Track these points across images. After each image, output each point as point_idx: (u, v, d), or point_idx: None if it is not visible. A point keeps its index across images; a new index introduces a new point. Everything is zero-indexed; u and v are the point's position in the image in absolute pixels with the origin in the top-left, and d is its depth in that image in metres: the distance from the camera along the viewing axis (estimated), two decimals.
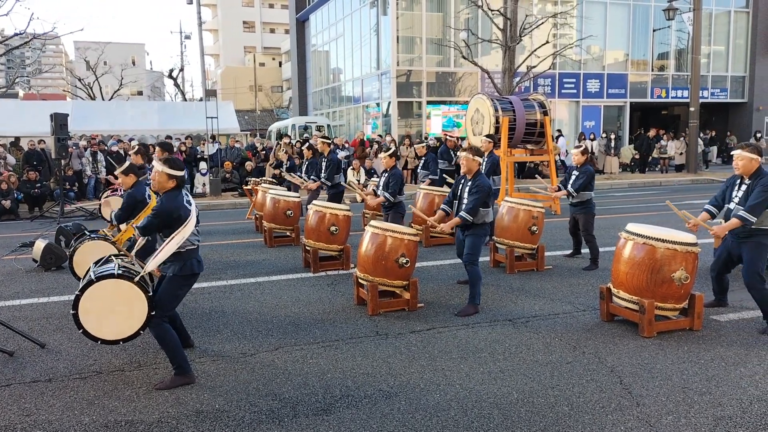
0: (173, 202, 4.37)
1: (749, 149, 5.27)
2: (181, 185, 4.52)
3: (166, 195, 4.43)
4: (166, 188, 4.47)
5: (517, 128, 13.17)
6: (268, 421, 3.77)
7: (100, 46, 44.13)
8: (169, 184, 4.46)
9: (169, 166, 4.45)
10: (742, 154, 5.26)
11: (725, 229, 5.28)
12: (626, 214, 12.05)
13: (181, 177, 4.51)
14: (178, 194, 4.45)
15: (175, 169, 4.47)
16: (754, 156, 5.24)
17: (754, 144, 5.37)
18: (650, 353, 4.79)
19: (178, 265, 4.34)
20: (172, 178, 4.46)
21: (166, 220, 4.34)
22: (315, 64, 34.63)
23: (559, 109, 25.33)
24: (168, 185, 4.46)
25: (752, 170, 5.25)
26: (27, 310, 6.34)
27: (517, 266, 7.69)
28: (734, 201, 5.38)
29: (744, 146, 5.33)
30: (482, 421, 3.74)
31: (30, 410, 3.97)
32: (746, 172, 5.27)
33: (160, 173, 4.44)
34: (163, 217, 4.34)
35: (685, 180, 20.10)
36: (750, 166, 5.24)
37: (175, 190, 4.46)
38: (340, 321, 5.75)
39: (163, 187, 4.47)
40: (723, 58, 27.89)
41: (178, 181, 4.50)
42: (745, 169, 5.26)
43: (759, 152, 5.29)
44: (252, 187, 12.27)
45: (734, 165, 5.35)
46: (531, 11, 22.72)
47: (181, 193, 4.48)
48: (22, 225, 12.82)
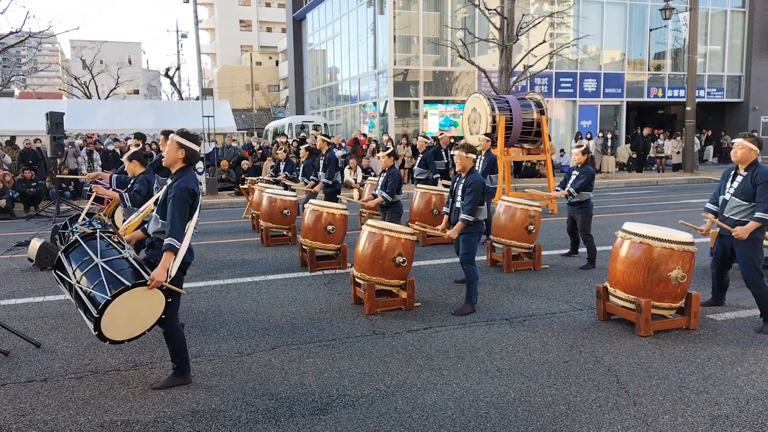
0: (194, 179, 4.23)
1: (750, 139, 5.31)
2: (191, 161, 4.31)
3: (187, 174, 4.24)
4: (178, 163, 4.28)
5: (513, 127, 13.18)
6: (265, 421, 3.76)
7: (97, 44, 43.96)
8: (179, 155, 4.26)
9: (181, 135, 4.29)
10: (742, 143, 5.30)
11: (747, 230, 5.22)
12: (623, 214, 12.07)
13: (192, 150, 4.30)
14: (190, 171, 4.29)
15: (186, 139, 4.29)
16: (754, 147, 5.27)
17: (756, 135, 5.40)
18: (647, 352, 4.79)
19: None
20: (182, 147, 4.25)
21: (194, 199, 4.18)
22: (312, 63, 34.60)
23: (555, 109, 25.35)
24: (178, 156, 4.26)
25: (749, 160, 5.28)
26: (22, 309, 6.31)
27: (514, 265, 7.69)
28: (729, 192, 5.40)
29: (746, 135, 5.39)
30: (479, 420, 3.73)
31: (25, 410, 3.95)
32: (744, 161, 5.30)
33: (170, 142, 4.27)
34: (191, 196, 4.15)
35: (681, 179, 20.15)
36: (748, 156, 5.27)
37: (187, 166, 4.30)
38: (336, 320, 5.74)
39: (173, 159, 4.28)
40: (719, 58, 27.95)
41: (188, 153, 4.28)
42: (743, 158, 5.29)
43: (759, 144, 5.33)
44: (249, 186, 12.25)
45: (733, 153, 5.38)
46: (528, 10, 22.71)
47: (191, 170, 4.31)
48: (18, 224, 12.78)
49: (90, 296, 4.00)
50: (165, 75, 45.60)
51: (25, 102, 26.26)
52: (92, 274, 4.07)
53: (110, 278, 4.02)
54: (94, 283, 4.01)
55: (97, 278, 4.02)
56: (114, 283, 3.99)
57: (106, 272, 4.04)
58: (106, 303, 3.90)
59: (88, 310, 4.01)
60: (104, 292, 3.96)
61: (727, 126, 28.25)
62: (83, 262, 4.16)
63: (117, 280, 4.00)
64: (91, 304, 3.97)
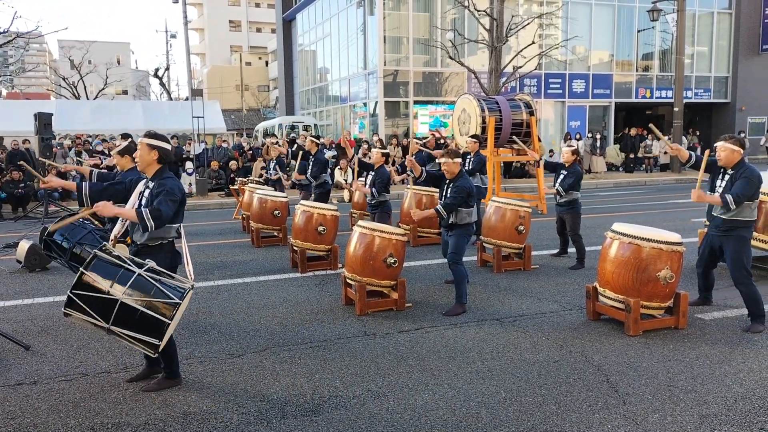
0: (176, 180, 4.20)
1: (732, 141, 5.38)
2: (165, 161, 4.24)
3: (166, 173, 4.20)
4: (153, 165, 4.21)
5: (503, 128, 13.22)
6: (256, 423, 3.76)
7: (85, 45, 43.68)
8: (152, 156, 4.18)
9: (149, 136, 4.19)
10: (724, 146, 5.37)
11: (707, 198, 5.33)
12: (612, 214, 12.15)
13: (163, 149, 4.21)
14: (168, 171, 4.24)
15: (155, 139, 4.21)
16: (736, 148, 5.34)
17: (737, 137, 5.47)
18: (636, 352, 4.83)
19: (167, 257, 4.22)
20: (153, 148, 4.17)
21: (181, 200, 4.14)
22: (302, 64, 34.55)
23: (545, 110, 25.45)
24: (151, 158, 4.18)
25: (734, 161, 5.35)
26: (11, 311, 6.27)
27: (504, 266, 7.72)
28: (718, 191, 5.47)
29: (727, 138, 5.45)
30: (470, 420, 3.75)
31: (15, 413, 3.93)
32: (728, 163, 5.37)
33: (140, 146, 4.18)
34: (179, 196, 4.11)
35: (669, 179, 20.30)
36: (732, 157, 5.34)
37: (164, 167, 4.24)
38: (328, 321, 5.74)
39: (147, 162, 4.20)
40: (706, 59, 28.18)
41: (161, 153, 4.20)
42: (727, 160, 5.37)
43: (741, 144, 5.40)
44: (239, 187, 12.22)
45: (717, 156, 5.46)
46: (517, 12, 22.81)
47: (168, 171, 4.26)
48: (6, 225, 12.68)
49: (151, 306, 3.76)
50: (154, 75, 45.39)
51: (13, 102, 26.07)
52: (141, 284, 3.80)
53: (163, 285, 3.86)
54: (152, 292, 3.79)
55: (151, 287, 3.81)
56: (172, 288, 3.87)
57: (156, 280, 3.85)
58: (176, 306, 3.79)
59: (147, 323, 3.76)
60: (171, 296, 3.81)
61: (715, 126, 28.47)
62: (121, 275, 3.81)
63: (169, 286, 3.88)
64: (154, 312, 3.75)
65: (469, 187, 6.04)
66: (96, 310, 3.73)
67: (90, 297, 3.73)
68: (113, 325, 3.74)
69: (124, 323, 3.75)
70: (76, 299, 3.73)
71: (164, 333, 3.77)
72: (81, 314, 3.76)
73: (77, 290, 3.73)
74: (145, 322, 3.75)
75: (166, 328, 3.77)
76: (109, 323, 3.74)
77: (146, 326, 3.76)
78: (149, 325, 3.75)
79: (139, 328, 3.76)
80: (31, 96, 50.50)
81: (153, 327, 3.75)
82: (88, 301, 3.74)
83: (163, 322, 3.75)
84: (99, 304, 3.73)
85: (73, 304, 3.75)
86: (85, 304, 3.74)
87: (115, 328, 3.76)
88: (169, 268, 4.13)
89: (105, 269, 3.82)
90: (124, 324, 3.75)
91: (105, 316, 3.73)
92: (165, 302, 3.79)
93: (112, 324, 3.74)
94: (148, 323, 3.75)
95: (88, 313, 3.74)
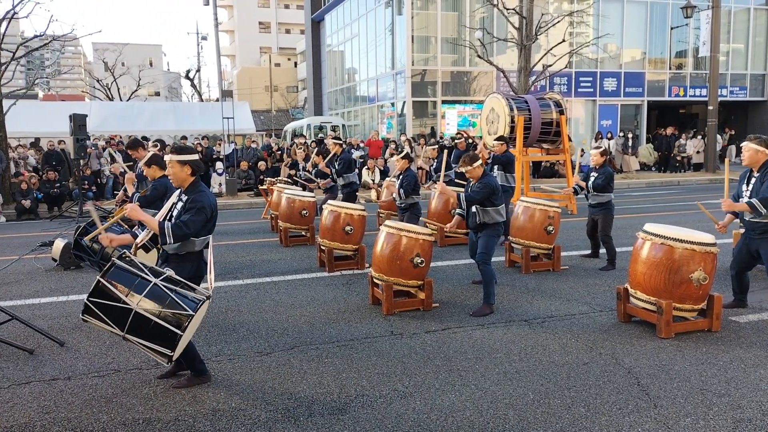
0: (209, 196, 4.23)
1: (756, 141, 5.28)
2: (197, 172, 4.26)
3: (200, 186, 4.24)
4: (187, 180, 4.23)
5: (532, 127, 13.09)
6: (284, 420, 3.79)
7: (118, 47, 44.52)
8: (186, 171, 4.20)
9: (177, 153, 4.19)
10: (748, 146, 5.29)
11: (736, 207, 5.30)
12: (644, 214, 11.95)
13: (194, 162, 4.23)
14: (201, 183, 4.26)
15: (185, 154, 4.22)
16: (761, 148, 5.24)
17: (763, 137, 5.35)
18: (668, 354, 4.74)
19: (194, 267, 4.30)
20: (185, 164, 4.19)
21: (210, 215, 4.19)
22: (330, 64, 34.70)
23: (575, 108, 25.16)
24: (185, 174, 4.20)
25: (759, 162, 5.26)
26: (46, 308, 6.42)
27: (533, 266, 7.65)
28: (745, 195, 5.37)
29: (752, 138, 5.36)
30: (497, 421, 3.72)
31: (49, 408, 4.02)
32: (752, 163, 5.29)
33: (171, 164, 4.19)
34: (209, 213, 4.15)
35: (703, 179, 19.89)
36: (756, 157, 5.25)
37: (197, 179, 4.26)
38: (355, 321, 5.76)
39: (182, 179, 4.22)
40: (742, 56, 27.53)
41: (193, 167, 4.22)
42: (751, 160, 5.28)
43: (766, 144, 5.28)
44: (267, 186, 12.33)
45: (741, 157, 5.38)
46: (547, 10, 22.56)
47: (201, 183, 4.29)
48: (42, 224, 12.99)
49: (165, 316, 3.79)
50: (185, 77, 46.02)
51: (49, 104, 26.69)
52: (157, 294, 3.84)
53: (178, 295, 3.89)
54: (167, 302, 3.83)
55: (166, 297, 3.85)
56: (187, 299, 3.91)
57: (171, 290, 3.88)
58: (189, 317, 3.81)
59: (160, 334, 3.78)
60: (185, 308, 3.84)
61: (750, 125, 27.80)
62: (137, 284, 3.84)
63: (185, 297, 3.91)
64: (167, 323, 3.78)
65: (494, 184, 6.01)
66: (112, 318, 3.79)
67: (106, 305, 3.79)
68: (128, 333, 3.80)
69: (138, 332, 3.80)
70: (92, 306, 3.78)
71: (176, 344, 3.80)
72: (97, 321, 3.82)
73: (94, 297, 3.79)
74: (158, 332, 3.80)
75: (179, 340, 3.80)
76: (123, 331, 3.79)
77: (159, 336, 3.81)
78: (162, 336, 3.80)
79: (153, 337, 3.81)
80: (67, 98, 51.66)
81: (165, 338, 3.80)
82: (105, 309, 3.79)
83: (176, 334, 3.79)
84: (115, 312, 3.78)
85: (90, 311, 3.80)
86: (101, 312, 3.79)
87: (130, 336, 3.82)
88: (194, 278, 4.21)
89: (122, 277, 3.87)
90: (138, 333, 3.80)
91: (120, 324, 3.79)
92: (179, 313, 3.82)
93: (127, 332, 3.79)
94: (161, 334, 3.80)
95: (104, 320, 3.80)
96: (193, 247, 4.24)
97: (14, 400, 4.13)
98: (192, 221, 4.08)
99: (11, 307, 5.84)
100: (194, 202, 4.14)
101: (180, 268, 4.15)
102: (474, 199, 5.97)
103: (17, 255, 8.99)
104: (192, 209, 4.12)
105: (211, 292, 4.08)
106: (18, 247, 9.90)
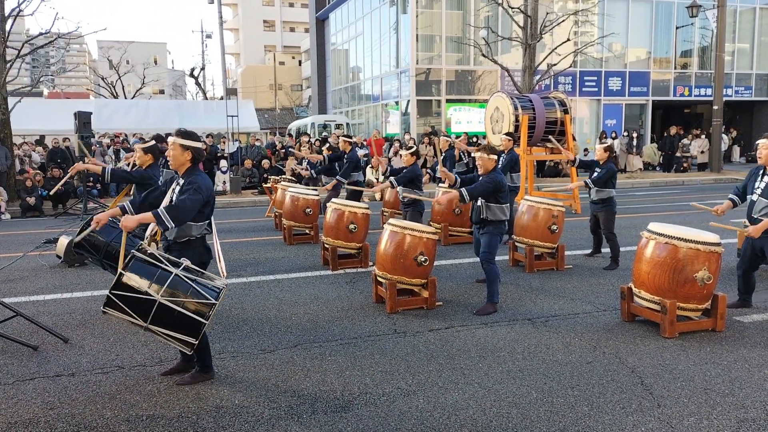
0: (205, 178, 4.23)
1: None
2: (198, 160, 4.27)
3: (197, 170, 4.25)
4: (185, 165, 4.25)
5: (537, 126, 13.08)
6: (287, 418, 3.79)
7: (123, 45, 44.63)
8: (186, 156, 4.22)
9: (181, 136, 4.23)
10: (766, 143, 5.25)
11: (760, 229, 5.23)
12: (648, 214, 11.92)
13: (197, 149, 4.24)
14: (199, 169, 4.27)
15: (189, 139, 4.23)
16: None
17: None
18: (672, 354, 4.73)
19: (197, 253, 4.28)
20: (187, 149, 4.21)
21: (207, 199, 4.18)
22: (334, 63, 34.72)
23: (580, 108, 25.12)
24: (185, 158, 4.22)
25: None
26: (51, 305, 6.44)
27: (537, 265, 7.64)
28: (756, 192, 5.35)
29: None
30: (501, 420, 3.72)
31: (53, 404, 4.03)
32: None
33: (173, 146, 4.21)
34: (204, 194, 4.14)
35: (708, 179, 19.83)
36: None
37: (195, 165, 4.28)
38: (358, 319, 5.76)
39: (180, 162, 4.24)
40: (748, 56, 27.44)
41: (194, 153, 4.24)
42: (767, 159, 5.25)
43: None
44: (271, 185, 12.34)
45: (758, 155, 5.36)
46: (552, 9, 22.54)
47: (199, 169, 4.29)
48: (47, 222, 13.04)
49: (188, 306, 3.84)
50: (190, 75, 46.09)
51: (54, 102, 26.76)
52: (179, 285, 3.88)
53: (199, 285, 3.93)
54: (189, 292, 3.88)
55: (188, 287, 3.89)
56: (208, 288, 3.95)
57: (192, 280, 3.92)
58: (212, 306, 3.88)
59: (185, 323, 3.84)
60: (208, 297, 3.89)
61: (756, 125, 27.72)
62: (159, 276, 3.87)
63: (206, 286, 3.95)
64: (191, 313, 3.84)
65: (499, 180, 5.95)
66: (135, 310, 3.82)
67: (129, 297, 3.81)
68: (151, 323, 3.83)
69: (161, 322, 3.85)
70: (115, 299, 3.81)
71: (201, 332, 3.88)
72: (120, 313, 3.85)
73: (116, 290, 3.81)
74: (183, 321, 3.85)
75: (203, 328, 3.87)
76: (147, 322, 3.83)
77: (183, 325, 3.86)
78: (186, 325, 3.86)
79: (177, 327, 3.86)
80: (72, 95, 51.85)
81: (190, 326, 3.86)
82: (127, 301, 3.81)
83: (201, 323, 3.86)
84: (138, 304, 3.81)
85: (112, 303, 3.82)
86: (124, 304, 3.81)
87: (153, 326, 3.85)
88: (199, 265, 4.20)
89: (143, 269, 3.90)
90: (161, 323, 3.85)
91: (143, 315, 3.82)
92: (202, 302, 3.89)
93: (150, 323, 3.83)
94: (186, 323, 3.85)
95: (126, 312, 3.83)
96: (191, 232, 4.22)
97: (18, 396, 4.14)
98: (188, 200, 4.07)
99: (16, 304, 5.86)
100: (190, 184, 4.16)
101: (183, 256, 4.15)
102: (477, 192, 5.88)
103: (22, 252, 9.02)
104: (188, 190, 4.13)
105: (225, 281, 4.11)
106: (23, 244, 9.93)
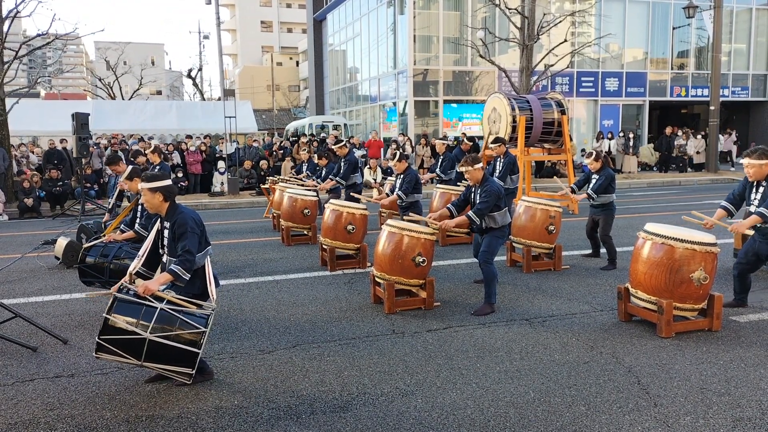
0: (189, 213, 4.27)
1: (756, 155, 5.27)
2: (171, 197, 4.24)
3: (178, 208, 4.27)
4: (162, 207, 4.24)
5: (534, 127, 13.12)
6: (286, 418, 3.81)
7: (120, 46, 44.63)
8: (158, 198, 4.18)
9: (146, 180, 4.19)
10: (750, 162, 5.28)
11: (744, 226, 5.27)
12: (645, 214, 11.96)
13: (165, 188, 4.20)
14: (178, 206, 4.28)
15: (154, 181, 4.19)
16: (763, 161, 5.25)
17: (760, 148, 5.34)
18: (668, 354, 4.76)
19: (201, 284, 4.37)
20: (156, 191, 4.17)
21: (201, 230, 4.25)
22: (332, 64, 34.72)
23: (577, 108, 25.16)
24: (158, 200, 4.19)
25: (765, 174, 5.25)
26: (50, 306, 6.45)
27: (534, 266, 7.67)
28: (753, 204, 5.36)
29: (750, 154, 5.33)
30: (499, 419, 3.75)
31: (53, 405, 4.05)
32: (759, 177, 5.30)
33: (143, 192, 4.18)
34: (198, 229, 4.21)
35: (704, 179, 19.88)
36: (761, 171, 5.27)
37: (173, 203, 4.27)
38: (356, 319, 5.78)
39: (156, 206, 4.21)
40: (744, 56, 27.50)
41: (164, 193, 4.20)
42: (756, 175, 5.30)
43: (767, 155, 5.28)
44: (270, 185, 12.36)
45: (746, 173, 5.36)
46: (549, 9, 22.54)
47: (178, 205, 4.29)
48: (45, 223, 13.04)
49: (179, 338, 3.86)
50: (187, 76, 46.10)
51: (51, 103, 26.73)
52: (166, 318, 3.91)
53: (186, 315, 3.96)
54: (177, 324, 3.92)
55: (176, 320, 3.93)
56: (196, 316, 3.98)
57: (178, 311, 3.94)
58: (203, 334, 3.92)
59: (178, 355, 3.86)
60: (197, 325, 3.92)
61: (752, 125, 27.80)
62: (144, 312, 3.90)
63: (193, 315, 3.98)
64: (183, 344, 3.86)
65: (498, 190, 5.97)
66: (126, 350, 3.88)
67: (118, 339, 3.85)
68: (145, 361, 3.89)
69: (155, 358, 3.90)
70: (105, 344, 3.85)
71: (196, 362, 3.91)
72: (112, 356, 3.90)
73: (105, 335, 3.84)
74: (176, 354, 3.89)
75: (197, 358, 3.91)
76: (141, 360, 3.88)
77: (177, 358, 3.90)
78: (180, 357, 3.90)
79: (171, 360, 3.91)
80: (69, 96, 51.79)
81: (184, 358, 3.90)
82: (118, 344, 3.85)
83: (194, 353, 3.90)
84: (129, 344, 3.86)
85: (103, 348, 3.87)
86: (114, 347, 3.85)
87: (148, 363, 3.91)
88: (204, 294, 4.33)
89: (128, 309, 3.93)
90: (155, 359, 3.90)
91: (136, 354, 3.87)
92: (192, 332, 3.92)
93: (144, 360, 3.88)
94: (179, 355, 3.89)
95: (119, 354, 3.88)
96: (197, 263, 4.31)
97: (18, 397, 4.16)
98: (189, 244, 4.14)
99: (15, 305, 5.87)
100: (181, 227, 4.18)
101: (190, 286, 4.27)
102: (484, 210, 5.87)
103: (20, 253, 9.03)
104: (182, 234, 4.17)
105: (215, 304, 4.16)
106: (21, 246, 9.94)
